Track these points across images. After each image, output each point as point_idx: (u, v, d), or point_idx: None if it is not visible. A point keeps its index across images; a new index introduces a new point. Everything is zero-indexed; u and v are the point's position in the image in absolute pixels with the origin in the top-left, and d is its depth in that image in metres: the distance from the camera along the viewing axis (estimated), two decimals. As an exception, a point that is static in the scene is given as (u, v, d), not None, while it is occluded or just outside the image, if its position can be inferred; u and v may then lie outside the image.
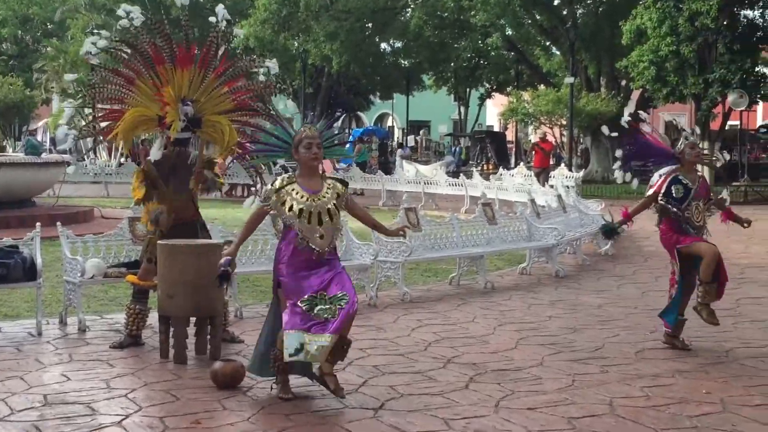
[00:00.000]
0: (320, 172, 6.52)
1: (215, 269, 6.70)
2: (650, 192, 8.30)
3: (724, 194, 8.82)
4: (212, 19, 8.17)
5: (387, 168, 32.87)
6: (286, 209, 6.29)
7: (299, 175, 6.45)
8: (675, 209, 8.06)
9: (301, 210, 6.25)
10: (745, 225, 8.61)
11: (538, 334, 8.78)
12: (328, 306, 6.12)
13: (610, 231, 8.76)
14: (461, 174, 26.56)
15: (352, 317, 6.27)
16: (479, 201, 13.38)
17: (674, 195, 8.07)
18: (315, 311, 6.11)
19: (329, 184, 6.46)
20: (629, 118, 8.94)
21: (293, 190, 6.34)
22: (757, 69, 30.46)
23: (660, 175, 8.36)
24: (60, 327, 8.74)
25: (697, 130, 8.94)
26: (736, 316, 9.85)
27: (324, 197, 6.36)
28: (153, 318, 8.08)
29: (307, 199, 6.30)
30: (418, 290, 11.23)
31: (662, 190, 8.15)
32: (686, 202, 8.07)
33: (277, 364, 6.31)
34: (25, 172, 17.38)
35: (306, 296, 6.16)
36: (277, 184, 6.37)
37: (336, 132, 7.41)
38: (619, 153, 8.86)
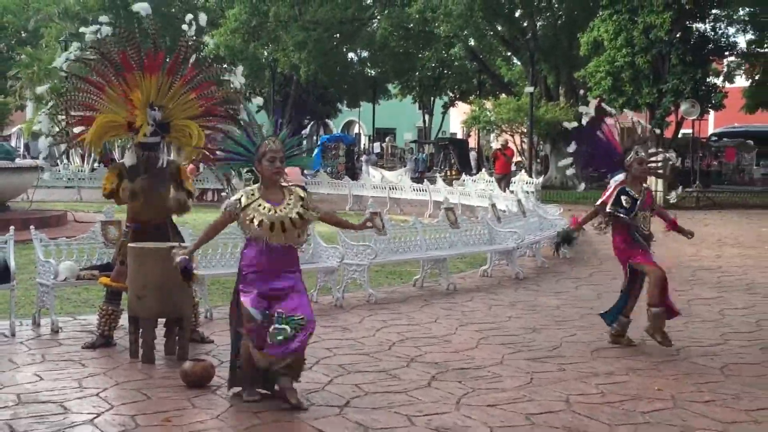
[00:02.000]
0: (281, 183, 6.44)
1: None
2: (601, 202, 8.40)
3: (673, 195, 8.94)
4: (185, 27, 8.19)
5: (354, 173, 32.87)
6: (254, 224, 6.19)
7: (262, 186, 6.37)
8: (624, 216, 8.17)
9: (261, 222, 6.17)
10: (689, 236, 8.78)
11: (499, 334, 8.82)
12: (284, 326, 6.07)
13: (567, 236, 8.83)
14: (425, 179, 26.59)
15: (310, 337, 6.26)
16: (442, 206, 13.41)
17: (623, 205, 8.18)
18: (270, 331, 6.07)
19: (290, 191, 6.40)
20: (593, 113, 8.96)
21: (259, 205, 6.25)
22: (708, 80, 30.79)
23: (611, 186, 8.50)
24: (33, 328, 8.66)
25: (656, 130, 8.93)
26: (687, 317, 9.94)
27: (287, 207, 6.28)
28: (125, 319, 8.03)
29: (270, 210, 6.23)
30: (383, 292, 11.24)
31: (611, 201, 8.24)
32: (634, 212, 8.18)
33: (244, 370, 6.30)
34: (-1, 177, 17.22)
35: (263, 304, 6.12)
36: (243, 201, 6.27)
37: (299, 141, 7.24)
38: (572, 147, 8.89)
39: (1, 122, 46.91)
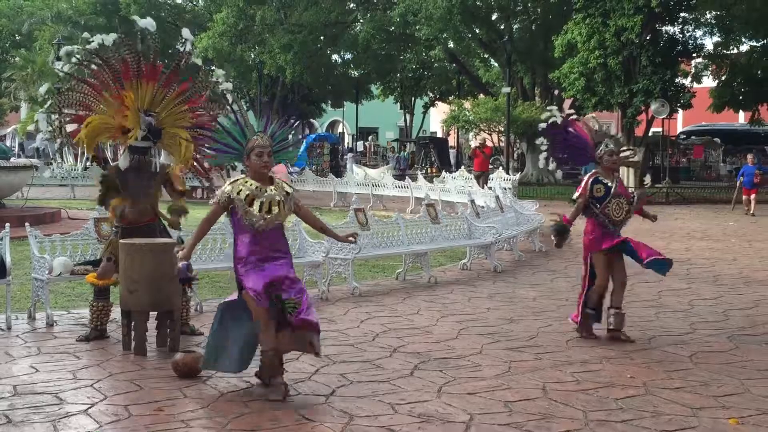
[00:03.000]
0: (269, 176, 6.46)
1: (172, 266, 6.64)
2: (577, 196, 8.42)
3: (647, 179, 9.01)
4: (179, 46, 8.23)
5: (338, 171, 32.83)
6: (241, 197, 6.20)
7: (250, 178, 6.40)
8: (597, 205, 8.23)
9: (248, 196, 6.20)
10: (653, 219, 9.00)
11: (478, 325, 8.84)
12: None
13: (562, 230, 8.85)
14: (407, 177, 26.58)
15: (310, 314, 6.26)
16: (423, 202, 13.42)
17: (595, 194, 8.25)
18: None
19: (278, 184, 6.42)
20: (563, 116, 9.02)
21: (246, 182, 6.30)
22: (677, 80, 30.93)
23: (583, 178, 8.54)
24: (29, 322, 8.61)
25: (622, 138, 9.03)
26: (658, 307, 10.01)
27: (273, 191, 6.31)
28: (117, 312, 8.00)
29: (257, 188, 6.26)
30: (367, 285, 11.24)
31: (586, 192, 8.30)
32: (607, 200, 8.23)
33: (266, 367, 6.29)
34: (-6, 175, 17.11)
35: (265, 289, 6.12)
36: (228, 189, 6.27)
37: (287, 136, 7.21)
38: (541, 141, 9.03)
39: (-5, 122, 46.63)
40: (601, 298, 8.33)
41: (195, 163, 8.32)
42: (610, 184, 8.30)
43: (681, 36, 32.23)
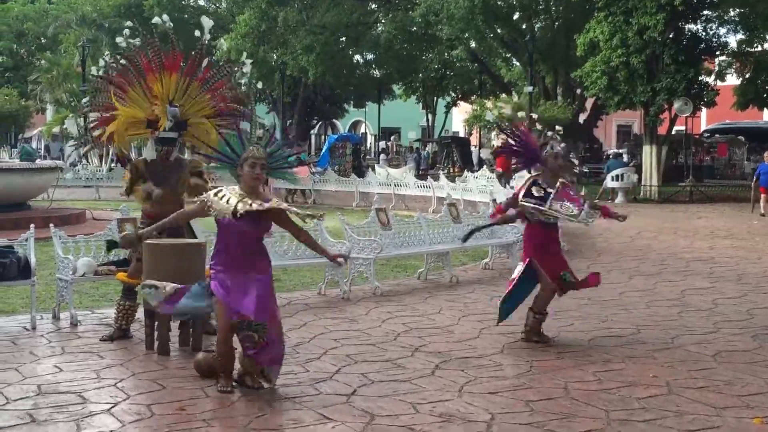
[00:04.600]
0: (261, 191, 6.28)
1: (196, 267, 6.66)
2: (511, 195, 8.29)
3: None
4: (197, 33, 8.29)
5: (360, 171, 32.82)
6: (224, 202, 6.11)
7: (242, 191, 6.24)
8: (535, 205, 7.91)
9: (230, 200, 6.09)
10: (620, 219, 8.50)
11: (499, 324, 8.80)
12: (249, 333, 6.09)
13: (475, 229, 8.87)
14: (429, 176, 26.52)
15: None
16: (445, 201, 13.39)
17: (535, 194, 7.94)
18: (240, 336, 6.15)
19: (271, 201, 6.19)
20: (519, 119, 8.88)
21: (234, 190, 6.19)
22: (700, 78, 30.67)
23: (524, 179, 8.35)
24: (53, 322, 8.67)
25: (550, 132, 8.64)
26: (681, 306, 9.93)
27: (261, 205, 6.08)
28: (141, 312, 8.03)
29: (245, 198, 6.10)
30: (389, 284, 11.23)
31: (522, 192, 8.03)
32: (548, 202, 7.87)
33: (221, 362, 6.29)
34: (21, 177, 17.24)
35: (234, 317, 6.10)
36: (213, 194, 6.23)
37: (287, 155, 6.69)
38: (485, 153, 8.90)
39: (22, 125, 46.95)
40: (547, 301, 8.19)
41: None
42: (550, 188, 7.94)
43: (704, 34, 31.95)
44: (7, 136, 46.88)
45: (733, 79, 39.32)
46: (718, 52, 33.67)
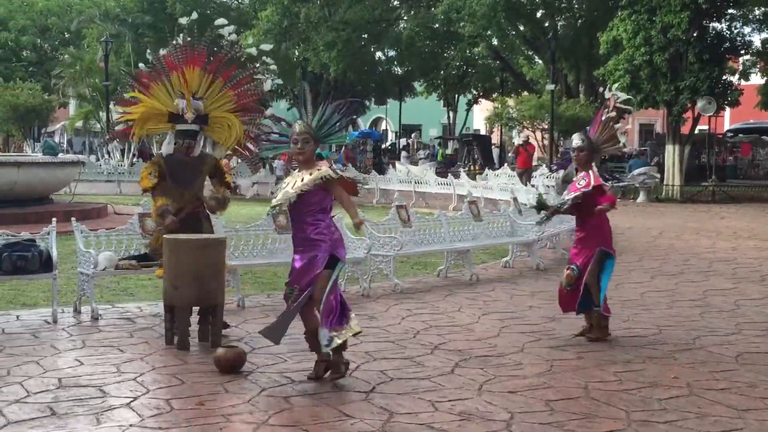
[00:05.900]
0: (311, 163, 6.46)
1: (216, 262, 6.69)
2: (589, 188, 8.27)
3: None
4: (221, 31, 8.41)
5: (381, 168, 32.83)
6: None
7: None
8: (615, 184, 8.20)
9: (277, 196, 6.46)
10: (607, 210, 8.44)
11: (520, 323, 8.77)
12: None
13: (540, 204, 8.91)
14: (449, 174, 26.50)
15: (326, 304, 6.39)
16: (466, 199, 13.35)
17: (607, 177, 8.30)
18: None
19: (318, 169, 6.40)
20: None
21: (285, 183, 6.52)
22: (724, 77, 30.45)
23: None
24: (74, 315, 8.72)
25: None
26: (704, 307, 9.86)
27: (301, 180, 6.37)
28: (161, 307, 8.06)
29: (287, 185, 6.43)
30: (409, 282, 11.22)
31: (600, 181, 8.25)
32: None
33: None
34: (43, 171, 17.35)
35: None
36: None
37: (335, 120, 6.74)
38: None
39: (45, 119, 47.25)
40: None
41: (241, 146, 8.43)
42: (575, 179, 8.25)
43: (728, 32, 31.68)
44: (31, 130, 47.14)
45: (757, 79, 39.02)
46: (742, 51, 33.38)
